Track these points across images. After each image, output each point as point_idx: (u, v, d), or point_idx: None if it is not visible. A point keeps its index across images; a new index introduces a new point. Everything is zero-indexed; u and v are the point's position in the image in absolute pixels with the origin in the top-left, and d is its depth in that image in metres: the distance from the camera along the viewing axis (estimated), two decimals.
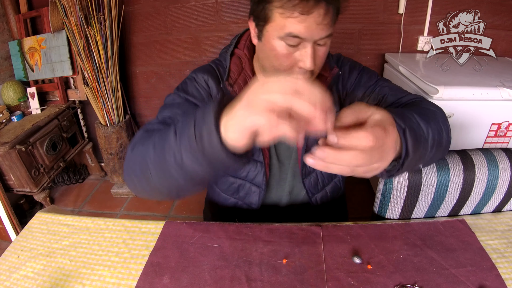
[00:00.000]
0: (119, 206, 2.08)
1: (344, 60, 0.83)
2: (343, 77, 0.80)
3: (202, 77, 0.75)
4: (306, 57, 0.62)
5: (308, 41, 0.61)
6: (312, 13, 0.57)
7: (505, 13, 1.60)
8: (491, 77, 1.33)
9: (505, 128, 1.33)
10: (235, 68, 0.76)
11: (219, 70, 0.78)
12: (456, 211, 0.81)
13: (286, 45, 0.62)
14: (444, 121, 0.65)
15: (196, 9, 1.82)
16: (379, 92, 0.76)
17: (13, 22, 1.94)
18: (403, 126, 0.49)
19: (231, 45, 0.78)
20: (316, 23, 0.58)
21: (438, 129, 0.60)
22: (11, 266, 0.72)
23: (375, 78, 0.79)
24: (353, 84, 0.79)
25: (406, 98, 0.73)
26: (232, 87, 0.73)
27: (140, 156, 0.56)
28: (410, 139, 0.49)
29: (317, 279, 0.63)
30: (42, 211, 0.88)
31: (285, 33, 0.60)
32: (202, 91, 0.75)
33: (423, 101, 0.71)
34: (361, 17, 1.74)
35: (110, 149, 2.01)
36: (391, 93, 0.75)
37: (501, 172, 0.75)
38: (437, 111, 0.66)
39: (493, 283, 0.60)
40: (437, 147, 0.60)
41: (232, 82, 0.74)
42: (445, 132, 0.63)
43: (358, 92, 0.78)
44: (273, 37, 0.62)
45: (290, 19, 0.58)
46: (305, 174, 0.84)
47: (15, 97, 1.87)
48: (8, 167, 1.65)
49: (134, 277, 0.66)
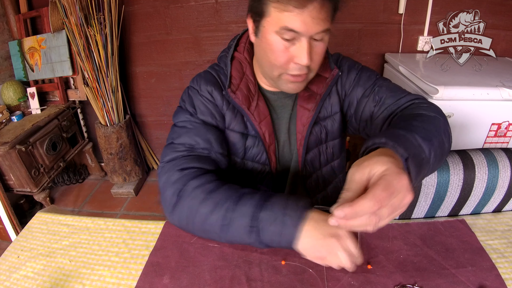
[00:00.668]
0: (119, 206, 2.08)
1: (343, 59, 0.82)
2: (342, 77, 0.79)
3: (206, 89, 0.75)
4: (301, 52, 0.61)
5: (304, 36, 0.60)
6: (307, 7, 0.57)
7: (505, 13, 1.60)
8: (491, 77, 1.33)
9: (505, 128, 1.33)
10: (236, 73, 0.75)
11: (220, 78, 0.77)
12: (456, 211, 0.81)
13: (282, 40, 0.62)
14: (446, 128, 0.64)
15: (196, 9, 1.82)
16: (377, 93, 0.75)
17: (13, 22, 1.94)
18: (406, 155, 0.50)
19: (230, 48, 0.78)
20: (312, 17, 0.58)
21: (440, 143, 0.59)
22: (11, 266, 0.72)
23: (374, 77, 0.78)
24: (351, 84, 0.79)
25: (405, 99, 0.72)
26: (234, 93, 0.74)
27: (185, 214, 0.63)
28: (413, 166, 0.50)
29: (317, 279, 0.63)
30: (42, 211, 0.88)
31: (280, 27, 0.60)
32: (209, 105, 0.75)
33: (423, 102, 0.70)
34: (361, 17, 1.74)
35: (110, 149, 2.01)
36: (390, 94, 0.73)
37: (501, 172, 0.75)
38: (439, 118, 0.65)
39: (493, 283, 0.59)
40: (439, 160, 0.59)
41: (235, 89, 0.74)
42: (446, 141, 0.62)
43: (357, 93, 0.78)
44: (269, 32, 0.62)
45: (286, 13, 0.58)
46: (305, 176, 0.84)
47: (15, 97, 1.87)
48: (8, 167, 1.65)
49: (134, 277, 0.66)
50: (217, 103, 0.76)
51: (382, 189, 0.43)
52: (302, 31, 0.59)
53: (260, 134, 0.77)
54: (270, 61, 0.67)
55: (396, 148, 0.50)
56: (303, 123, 0.78)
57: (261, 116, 0.76)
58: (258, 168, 0.81)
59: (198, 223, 0.61)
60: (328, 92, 0.78)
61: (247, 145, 0.79)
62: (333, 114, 0.81)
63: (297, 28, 0.59)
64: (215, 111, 0.75)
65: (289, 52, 0.63)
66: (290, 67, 0.65)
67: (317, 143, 0.82)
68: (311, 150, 0.82)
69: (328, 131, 0.81)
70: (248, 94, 0.75)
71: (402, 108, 0.71)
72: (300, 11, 0.57)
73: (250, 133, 0.78)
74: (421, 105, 0.69)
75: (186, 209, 0.62)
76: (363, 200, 0.43)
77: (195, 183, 0.63)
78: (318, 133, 0.80)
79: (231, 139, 0.78)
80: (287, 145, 0.83)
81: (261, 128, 0.76)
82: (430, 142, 0.56)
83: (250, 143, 0.78)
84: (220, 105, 0.76)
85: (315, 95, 0.77)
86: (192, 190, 0.62)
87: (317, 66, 0.68)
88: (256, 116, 0.76)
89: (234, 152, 0.80)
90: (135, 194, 2.15)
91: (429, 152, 0.55)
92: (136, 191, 2.16)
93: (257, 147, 0.79)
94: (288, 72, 0.66)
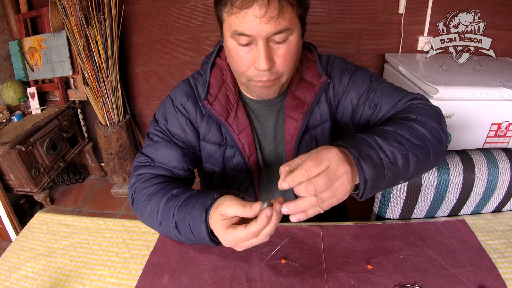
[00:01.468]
0: (119, 206, 2.08)
1: (334, 62, 0.77)
2: (334, 82, 0.75)
3: (179, 101, 0.75)
4: (258, 56, 0.59)
5: (259, 39, 0.57)
6: (252, 7, 0.54)
7: (505, 13, 1.60)
8: (491, 77, 1.33)
9: (505, 128, 1.33)
10: (215, 82, 0.73)
11: (197, 89, 0.76)
12: (456, 211, 0.81)
13: (239, 45, 0.60)
14: (436, 132, 0.62)
15: (196, 9, 1.82)
16: (373, 99, 0.71)
17: (13, 22, 1.94)
18: (357, 156, 0.51)
19: (213, 53, 0.76)
20: (258, 17, 0.54)
21: (418, 145, 0.58)
22: (11, 266, 0.72)
23: (369, 80, 0.74)
24: (345, 90, 0.74)
25: (401, 102, 0.69)
26: (211, 104, 0.72)
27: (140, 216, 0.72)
28: (367, 166, 0.50)
29: (317, 279, 0.63)
30: (42, 211, 0.88)
31: (232, 32, 0.58)
32: (180, 118, 0.75)
33: (419, 103, 0.67)
34: (361, 17, 1.74)
35: (110, 149, 2.02)
36: (386, 100, 0.70)
37: (501, 172, 0.75)
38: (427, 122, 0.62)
39: (493, 283, 0.60)
40: (422, 162, 0.58)
41: (212, 99, 0.72)
42: (434, 141, 0.60)
43: (352, 99, 0.74)
44: (227, 38, 0.61)
45: (233, 16, 0.56)
46: None
47: (15, 97, 1.87)
48: (8, 167, 1.65)
49: (134, 277, 0.66)
50: (190, 116, 0.75)
51: (311, 159, 0.46)
52: (252, 33, 0.56)
53: (239, 145, 0.74)
54: (235, 69, 0.66)
55: (348, 149, 0.51)
56: (291, 134, 0.75)
57: (240, 127, 0.74)
58: (241, 177, 0.79)
59: (146, 222, 0.71)
60: (317, 101, 0.74)
61: (226, 155, 0.77)
62: (323, 123, 0.77)
63: (246, 31, 0.56)
64: (186, 125, 0.75)
65: (248, 57, 0.61)
66: (254, 73, 0.62)
67: None
68: None
69: (318, 140, 0.78)
70: (226, 105, 0.73)
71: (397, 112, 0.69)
72: (245, 12, 0.54)
73: (228, 144, 0.76)
74: (415, 107, 0.66)
75: (136, 209, 0.71)
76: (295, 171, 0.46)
77: (142, 186, 0.71)
78: (307, 142, 0.77)
79: (207, 151, 0.77)
80: (273, 154, 0.80)
81: (240, 139, 0.74)
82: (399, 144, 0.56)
83: (230, 153, 0.77)
84: (194, 118, 0.75)
85: (303, 104, 0.73)
86: (139, 192, 0.71)
87: (287, 70, 0.63)
88: (235, 127, 0.73)
89: (213, 162, 0.79)
90: None
91: (392, 154, 0.54)
92: None
93: (237, 157, 0.77)
94: (254, 79, 0.63)
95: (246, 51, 0.60)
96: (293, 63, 0.64)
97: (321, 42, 1.81)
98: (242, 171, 0.79)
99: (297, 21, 0.60)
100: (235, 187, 0.81)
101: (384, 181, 0.53)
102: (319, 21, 1.77)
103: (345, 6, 1.72)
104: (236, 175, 0.79)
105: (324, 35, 1.81)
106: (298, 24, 0.61)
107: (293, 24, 0.58)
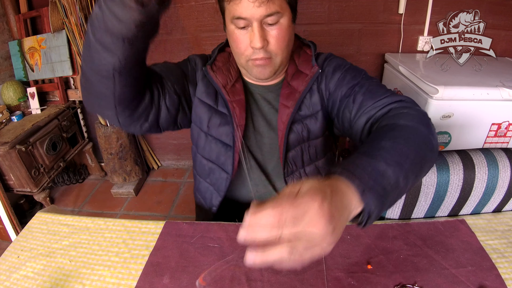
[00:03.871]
0: (119, 206, 2.08)
1: (333, 59, 0.81)
2: (327, 76, 0.78)
3: (193, 58, 0.86)
4: (253, 36, 0.68)
5: (253, 21, 0.66)
6: None
7: (505, 13, 1.60)
8: (491, 77, 1.33)
9: (505, 128, 1.33)
10: (222, 59, 0.83)
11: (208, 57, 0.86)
12: (456, 211, 0.81)
13: (238, 29, 0.69)
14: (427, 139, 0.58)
15: (196, 9, 1.82)
16: (356, 94, 0.71)
17: (13, 22, 1.94)
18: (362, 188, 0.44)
19: (223, 43, 0.85)
20: (251, 1, 0.63)
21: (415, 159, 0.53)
22: (11, 266, 0.72)
23: (359, 77, 0.74)
24: (335, 84, 0.77)
25: (383, 101, 0.67)
26: (214, 72, 0.80)
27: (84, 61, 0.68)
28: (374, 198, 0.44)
29: (317, 279, 0.63)
30: (42, 211, 0.88)
31: (231, 17, 0.68)
32: (189, 65, 0.84)
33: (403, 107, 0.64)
34: (361, 17, 1.74)
35: (110, 149, 2.02)
36: (368, 96, 0.69)
37: (501, 172, 0.75)
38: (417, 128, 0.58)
39: (493, 283, 0.60)
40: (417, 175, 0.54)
41: (215, 69, 0.81)
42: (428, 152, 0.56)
43: (340, 93, 0.75)
44: (228, 24, 0.71)
45: (231, 3, 0.66)
46: (287, 173, 0.83)
47: (15, 97, 1.87)
48: (8, 167, 1.65)
49: (134, 277, 0.66)
50: (197, 69, 0.83)
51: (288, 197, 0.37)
52: (247, 16, 0.65)
53: (231, 108, 0.78)
54: (235, 50, 0.74)
55: (352, 179, 0.44)
56: (283, 121, 0.79)
57: (236, 95, 0.79)
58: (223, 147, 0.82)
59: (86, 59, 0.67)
60: (308, 89, 0.78)
61: (214, 120, 0.81)
62: (315, 113, 0.80)
63: (242, 14, 0.65)
64: (190, 72, 0.83)
65: (246, 38, 0.70)
66: (251, 52, 0.71)
67: (299, 141, 0.81)
68: (293, 148, 0.81)
69: (310, 130, 0.80)
70: (227, 75, 0.81)
71: (382, 114, 0.66)
72: None
73: (220, 109, 0.81)
74: (401, 111, 0.63)
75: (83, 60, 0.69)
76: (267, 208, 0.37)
77: None
78: (299, 131, 0.79)
79: (198, 110, 0.83)
80: (267, 138, 0.83)
81: (233, 104, 0.78)
82: (400, 166, 0.50)
83: (218, 120, 0.81)
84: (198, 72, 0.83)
85: (295, 92, 0.78)
86: None
87: (279, 50, 0.71)
88: (231, 94, 0.79)
89: (200, 123, 0.84)
90: (135, 194, 2.15)
91: (396, 178, 0.48)
92: (136, 191, 2.16)
93: (225, 126, 0.80)
94: (251, 58, 0.72)
95: (244, 33, 0.69)
96: (285, 44, 0.71)
97: (321, 42, 1.80)
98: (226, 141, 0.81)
99: (286, 6, 0.68)
100: (214, 155, 0.85)
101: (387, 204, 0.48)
102: (319, 21, 1.77)
103: (345, 6, 1.72)
104: (218, 143, 0.83)
105: (324, 35, 1.81)
106: (288, 9, 0.69)
107: (283, 8, 0.67)
